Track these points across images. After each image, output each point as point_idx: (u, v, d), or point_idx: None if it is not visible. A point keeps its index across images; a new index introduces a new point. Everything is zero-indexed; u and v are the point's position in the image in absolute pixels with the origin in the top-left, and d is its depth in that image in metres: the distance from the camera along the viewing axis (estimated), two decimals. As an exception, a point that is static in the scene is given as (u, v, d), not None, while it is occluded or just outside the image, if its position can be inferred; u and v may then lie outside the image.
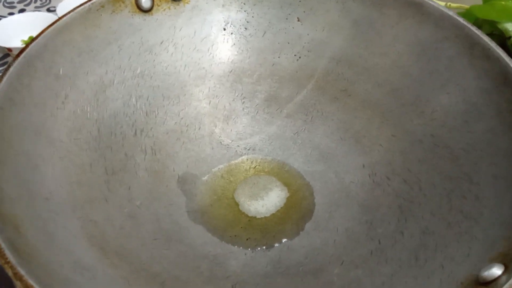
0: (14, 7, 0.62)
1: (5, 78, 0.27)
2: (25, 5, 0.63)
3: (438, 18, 0.33)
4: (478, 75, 0.31)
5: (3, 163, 0.26)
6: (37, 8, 0.63)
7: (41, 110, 0.30)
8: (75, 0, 0.57)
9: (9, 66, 0.28)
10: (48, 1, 0.64)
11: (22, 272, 0.20)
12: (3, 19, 0.56)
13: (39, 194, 0.27)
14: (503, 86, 0.29)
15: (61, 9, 0.57)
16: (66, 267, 0.24)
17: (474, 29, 0.31)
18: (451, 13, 0.32)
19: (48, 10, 0.62)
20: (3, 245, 0.21)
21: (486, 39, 0.31)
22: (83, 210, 0.29)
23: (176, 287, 0.28)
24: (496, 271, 0.23)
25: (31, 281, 0.20)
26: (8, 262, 0.20)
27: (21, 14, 0.57)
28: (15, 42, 0.55)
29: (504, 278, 0.22)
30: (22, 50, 0.29)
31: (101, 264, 0.26)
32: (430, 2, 0.33)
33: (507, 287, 0.22)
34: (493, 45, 0.30)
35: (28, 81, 0.29)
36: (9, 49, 0.53)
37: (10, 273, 0.20)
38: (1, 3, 0.63)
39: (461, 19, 0.32)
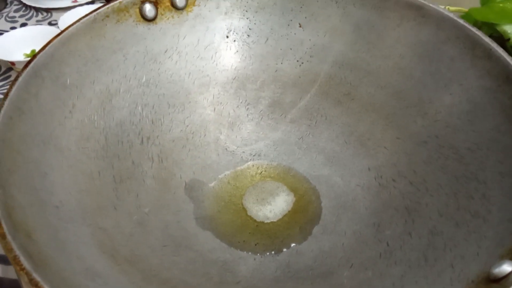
0: (16, 21, 0.63)
1: (14, 88, 0.28)
2: (27, 19, 0.63)
3: (439, 20, 0.33)
4: (480, 74, 0.31)
5: (13, 171, 0.26)
6: (38, 22, 0.63)
7: (49, 119, 0.30)
8: (76, 13, 0.58)
9: (17, 76, 0.28)
10: (49, 15, 0.64)
11: (37, 278, 0.20)
12: (6, 34, 0.56)
13: (49, 202, 0.27)
14: (506, 84, 0.29)
15: (63, 23, 0.57)
16: (79, 274, 0.24)
17: (474, 30, 0.32)
18: (451, 15, 0.33)
19: (50, 24, 0.63)
20: (17, 252, 0.21)
21: (487, 39, 0.31)
22: (92, 218, 0.29)
23: (187, 293, 0.29)
24: (507, 267, 0.23)
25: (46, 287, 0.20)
26: (23, 269, 0.20)
27: (23, 28, 0.58)
28: (18, 56, 0.55)
29: (515, 274, 0.23)
30: (30, 61, 0.29)
31: (112, 271, 0.26)
32: (430, 5, 0.34)
33: (518, 283, 0.22)
34: (494, 45, 0.31)
35: (36, 91, 0.30)
36: (12, 63, 0.53)
37: (25, 279, 0.20)
38: (3, 18, 0.63)
39: (461, 21, 0.32)
